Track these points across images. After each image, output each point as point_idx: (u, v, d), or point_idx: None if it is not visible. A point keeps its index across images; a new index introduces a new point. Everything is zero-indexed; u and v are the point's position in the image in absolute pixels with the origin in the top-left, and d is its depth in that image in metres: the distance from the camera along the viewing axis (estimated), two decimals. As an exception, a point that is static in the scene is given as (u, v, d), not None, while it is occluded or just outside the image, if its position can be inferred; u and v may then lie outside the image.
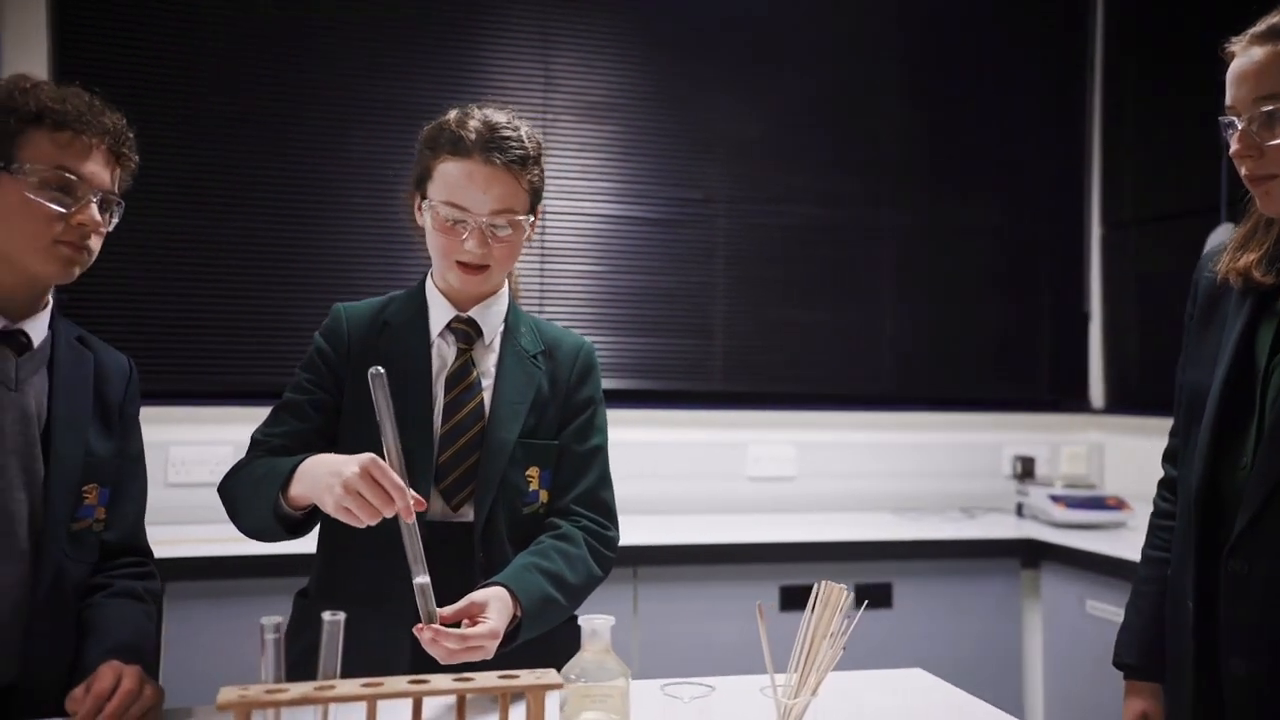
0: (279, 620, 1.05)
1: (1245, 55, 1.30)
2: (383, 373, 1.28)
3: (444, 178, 1.50)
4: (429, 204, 1.52)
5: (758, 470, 3.41)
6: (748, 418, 3.45)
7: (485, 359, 1.58)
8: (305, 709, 1.04)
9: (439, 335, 1.57)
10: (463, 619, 1.33)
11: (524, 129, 1.54)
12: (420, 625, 1.27)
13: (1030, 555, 3.05)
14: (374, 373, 1.28)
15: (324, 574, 1.58)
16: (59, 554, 1.39)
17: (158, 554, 1.62)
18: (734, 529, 2.99)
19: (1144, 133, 3.59)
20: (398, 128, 3.10)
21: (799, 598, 1.71)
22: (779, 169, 3.50)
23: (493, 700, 1.37)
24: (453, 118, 1.53)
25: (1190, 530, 1.39)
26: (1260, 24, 1.30)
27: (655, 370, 3.39)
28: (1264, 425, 1.32)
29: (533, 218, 1.57)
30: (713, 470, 3.37)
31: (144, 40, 2.99)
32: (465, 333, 1.57)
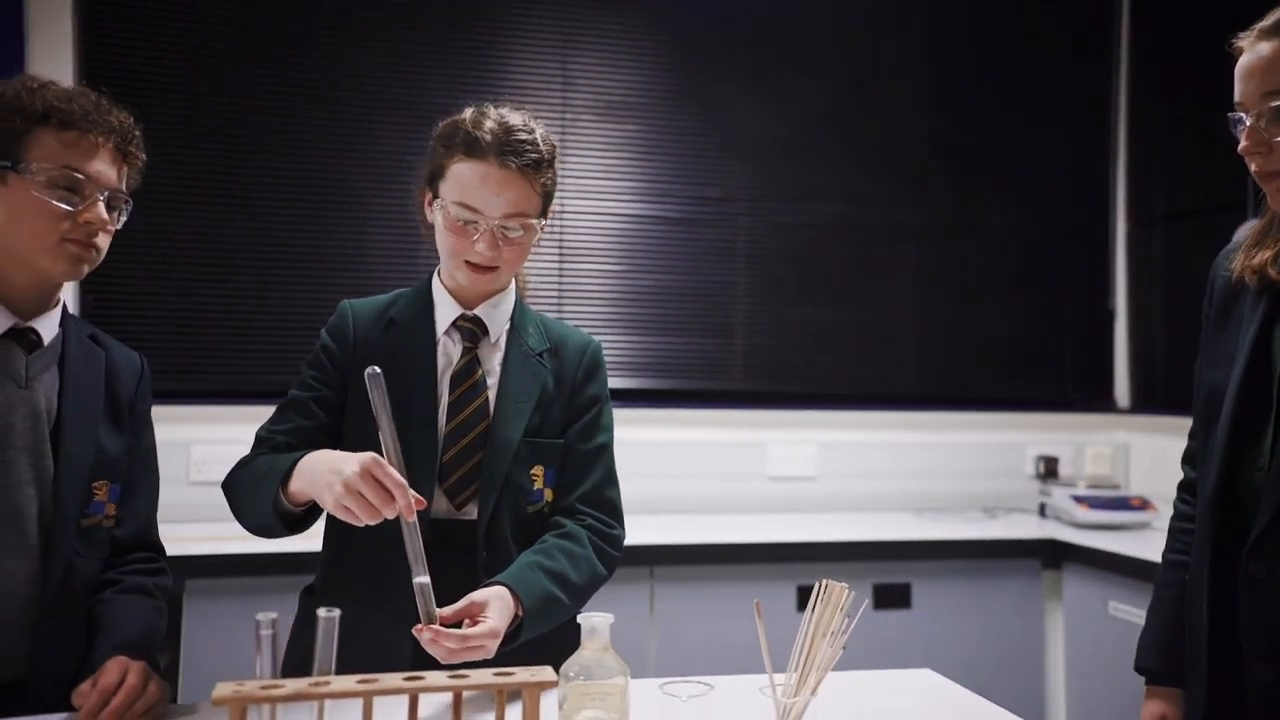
0: (274, 616, 1.05)
1: (1253, 51, 1.28)
2: (379, 373, 1.28)
3: (457, 178, 1.49)
4: (441, 203, 1.51)
5: (778, 470, 3.40)
6: (768, 417, 3.43)
7: (491, 357, 1.58)
8: (301, 706, 1.04)
9: (445, 333, 1.57)
10: (463, 619, 1.32)
11: (539, 131, 1.53)
12: (420, 625, 1.27)
13: (1052, 556, 3.02)
14: (370, 373, 1.27)
15: (328, 572, 1.58)
16: (69, 550, 1.41)
17: (181, 551, 1.63)
18: (753, 529, 2.98)
19: (1171, 127, 3.54)
20: (416, 127, 3.10)
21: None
22: (800, 168, 3.48)
23: (491, 698, 1.36)
24: (468, 117, 1.52)
25: (1207, 532, 1.37)
26: (1268, 18, 1.27)
27: (675, 370, 3.37)
28: (1281, 426, 1.30)
29: (543, 220, 1.56)
30: (733, 470, 3.36)
31: (166, 45, 3.02)
32: (471, 331, 1.57)
